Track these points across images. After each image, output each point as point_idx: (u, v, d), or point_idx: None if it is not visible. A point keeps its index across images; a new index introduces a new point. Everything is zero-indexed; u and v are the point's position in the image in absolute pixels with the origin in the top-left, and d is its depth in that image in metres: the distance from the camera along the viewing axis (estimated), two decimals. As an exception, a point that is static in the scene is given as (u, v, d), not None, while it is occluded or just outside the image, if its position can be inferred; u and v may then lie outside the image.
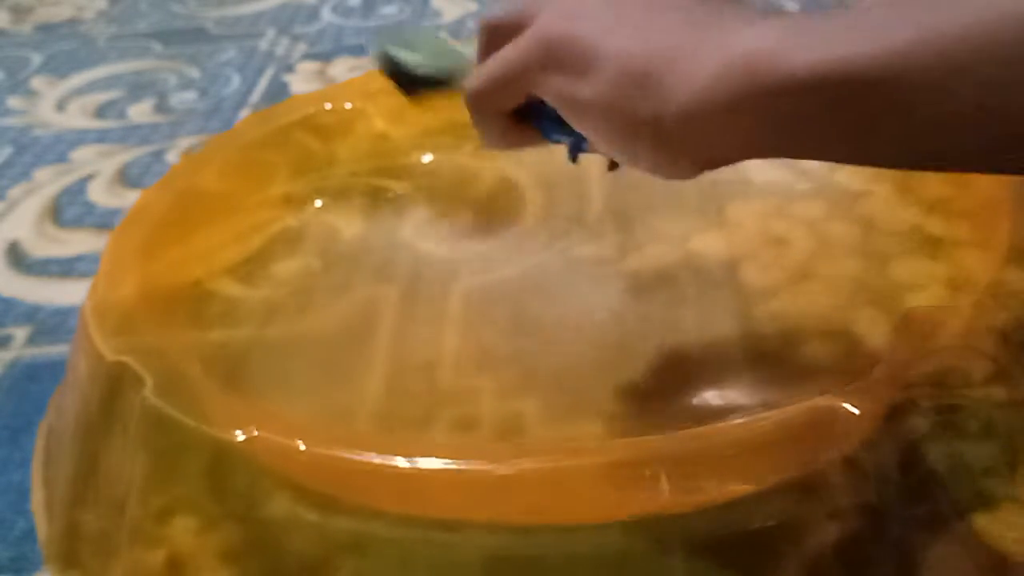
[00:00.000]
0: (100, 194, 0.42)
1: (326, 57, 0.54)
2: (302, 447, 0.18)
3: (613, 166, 0.23)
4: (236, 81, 0.52)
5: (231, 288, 0.28)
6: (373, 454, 0.18)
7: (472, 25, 0.57)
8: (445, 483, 0.18)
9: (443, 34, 0.28)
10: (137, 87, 0.53)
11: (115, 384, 0.21)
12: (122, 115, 0.50)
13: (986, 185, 0.26)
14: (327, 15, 0.61)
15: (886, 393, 0.18)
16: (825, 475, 0.17)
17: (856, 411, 0.18)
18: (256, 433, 0.19)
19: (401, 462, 0.18)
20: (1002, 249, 0.22)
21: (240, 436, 0.19)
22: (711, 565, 0.17)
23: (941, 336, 0.19)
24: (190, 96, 0.51)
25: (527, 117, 0.21)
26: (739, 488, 0.17)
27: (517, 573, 0.18)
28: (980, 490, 0.18)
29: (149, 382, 0.20)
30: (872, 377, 0.18)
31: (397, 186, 0.33)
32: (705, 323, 0.25)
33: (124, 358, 0.21)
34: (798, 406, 0.18)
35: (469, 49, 0.22)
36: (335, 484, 0.18)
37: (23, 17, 0.67)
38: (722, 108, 0.16)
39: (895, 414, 0.18)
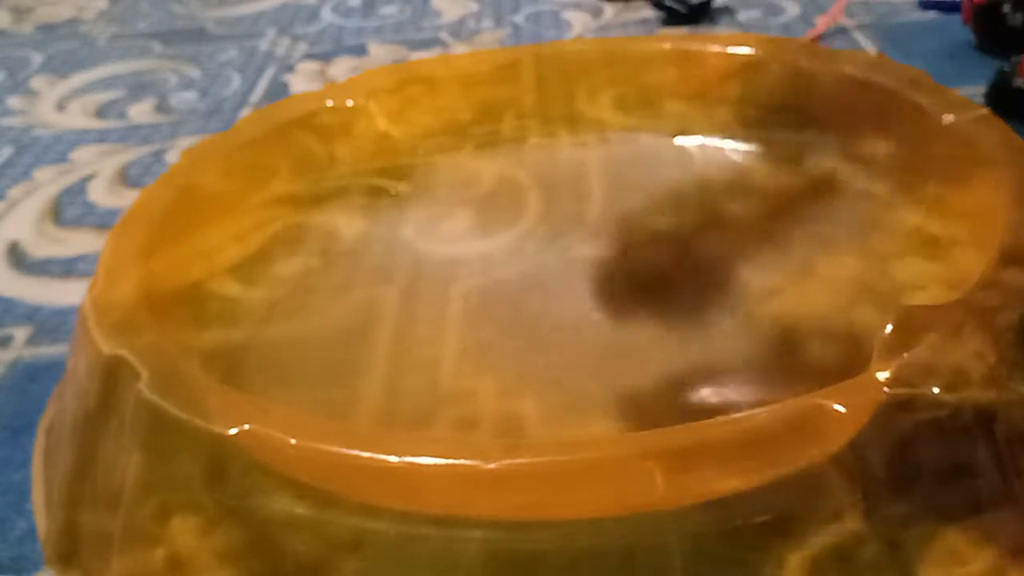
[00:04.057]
0: (100, 194, 0.42)
1: (326, 57, 0.54)
2: (293, 442, 0.18)
3: None
4: (236, 81, 0.52)
5: (231, 287, 0.28)
6: (370, 450, 0.18)
7: (472, 25, 0.57)
8: (443, 479, 0.18)
9: None
10: (137, 87, 0.53)
11: (112, 378, 0.21)
12: (122, 115, 0.50)
13: (986, 185, 0.26)
14: (327, 15, 0.61)
15: (875, 392, 0.18)
16: (817, 473, 0.17)
17: (843, 409, 0.18)
18: (248, 427, 0.19)
19: (398, 458, 0.18)
20: (996, 247, 0.22)
21: (233, 431, 0.19)
22: (709, 560, 0.17)
23: (934, 335, 0.19)
24: (190, 96, 0.51)
25: None
26: (728, 483, 0.17)
27: (518, 569, 0.18)
28: (975, 490, 0.18)
29: (144, 376, 0.20)
30: (862, 376, 0.18)
31: (397, 186, 0.33)
32: (705, 323, 0.25)
33: (121, 352, 0.21)
34: (785, 404, 0.18)
35: None
36: (333, 480, 0.18)
37: (23, 17, 0.67)
38: None
39: (886, 413, 0.18)
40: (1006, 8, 0.44)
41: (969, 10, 0.46)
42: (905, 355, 0.19)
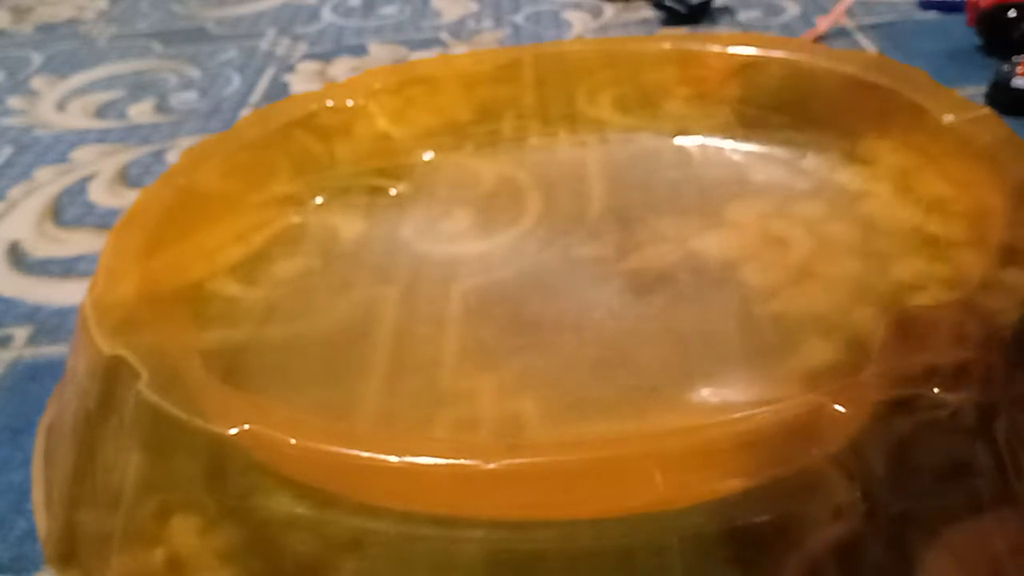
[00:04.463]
0: (100, 194, 0.42)
1: (326, 57, 0.54)
2: (293, 442, 0.18)
3: None
4: (236, 81, 0.52)
5: (231, 287, 0.28)
6: (370, 450, 0.18)
7: (472, 25, 0.57)
8: (443, 479, 0.18)
9: None
10: (137, 87, 0.53)
11: (112, 379, 0.21)
12: (122, 115, 0.50)
13: (986, 185, 0.26)
14: (327, 15, 0.61)
15: (875, 392, 0.18)
16: (817, 473, 0.17)
17: (843, 409, 0.18)
18: (248, 427, 0.19)
19: (398, 458, 0.18)
20: (996, 247, 0.22)
21: (233, 431, 0.19)
22: (709, 560, 0.17)
23: (933, 335, 0.19)
24: (190, 96, 0.51)
25: None
26: (727, 484, 0.17)
27: (518, 569, 0.18)
28: (975, 490, 0.18)
29: (144, 376, 0.20)
30: (862, 376, 0.18)
31: (397, 186, 0.33)
32: (705, 323, 0.25)
33: (121, 352, 0.21)
34: (785, 404, 0.18)
35: None
36: (332, 480, 0.18)
37: (23, 17, 0.67)
38: None
39: (886, 413, 0.18)
40: (1012, 13, 0.44)
41: (974, 13, 0.46)
42: (905, 355, 0.19)
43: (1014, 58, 0.41)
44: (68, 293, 0.35)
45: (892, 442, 0.18)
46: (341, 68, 0.53)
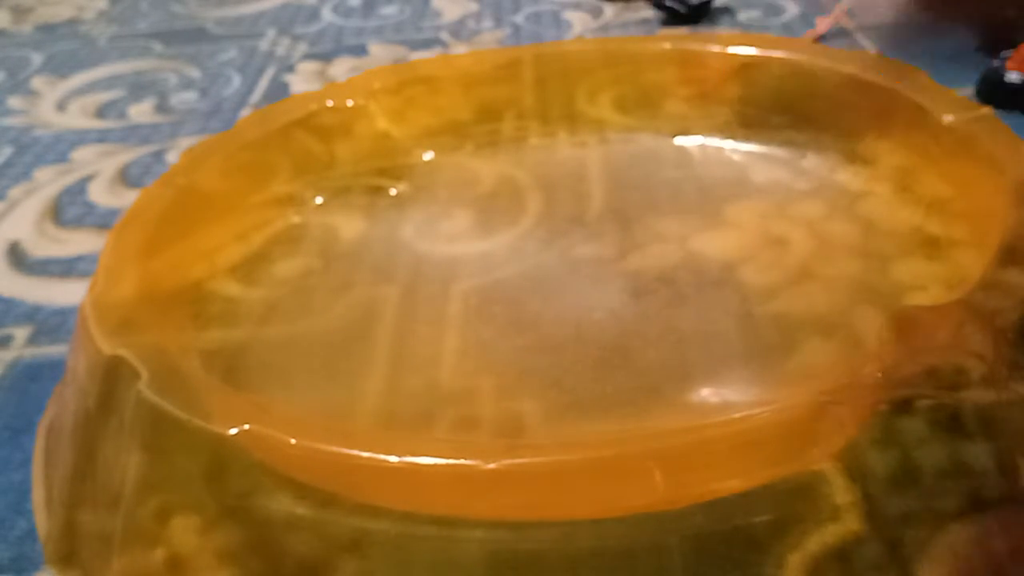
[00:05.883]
0: (101, 194, 0.42)
1: (326, 57, 0.54)
2: (293, 442, 0.18)
3: None
4: (236, 81, 0.52)
5: (231, 287, 0.28)
6: (370, 450, 0.18)
7: (472, 25, 0.57)
8: (443, 479, 0.18)
9: None
10: (137, 87, 0.53)
11: (112, 378, 0.21)
12: (122, 115, 0.50)
13: (986, 185, 0.26)
14: (327, 15, 0.61)
15: (875, 392, 0.18)
16: (817, 473, 0.17)
17: (843, 409, 0.18)
18: (248, 427, 0.19)
19: (398, 458, 0.18)
20: (996, 247, 0.22)
21: (233, 431, 0.19)
22: (709, 560, 0.17)
23: (933, 335, 0.19)
24: (190, 96, 0.51)
25: None
26: (727, 484, 0.17)
27: (518, 569, 0.18)
28: (975, 490, 0.18)
29: (145, 376, 0.20)
30: (862, 376, 0.18)
31: (397, 186, 0.33)
32: (705, 323, 0.25)
33: (121, 352, 0.21)
34: (785, 404, 0.18)
35: None
36: (332, 480, 0.18)
37: (23, 17, 0.67)
38: None
39: (887, 413, 0.18)
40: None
41: None
42: (905, 355, 0.19)
43: (1003, 53, 0.41)
44: (68, 293, 0.35)
45: (892, 442, 0.18)
46: (341, 68, 0.53)
